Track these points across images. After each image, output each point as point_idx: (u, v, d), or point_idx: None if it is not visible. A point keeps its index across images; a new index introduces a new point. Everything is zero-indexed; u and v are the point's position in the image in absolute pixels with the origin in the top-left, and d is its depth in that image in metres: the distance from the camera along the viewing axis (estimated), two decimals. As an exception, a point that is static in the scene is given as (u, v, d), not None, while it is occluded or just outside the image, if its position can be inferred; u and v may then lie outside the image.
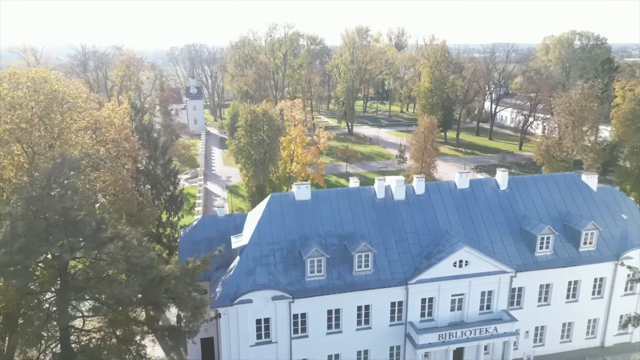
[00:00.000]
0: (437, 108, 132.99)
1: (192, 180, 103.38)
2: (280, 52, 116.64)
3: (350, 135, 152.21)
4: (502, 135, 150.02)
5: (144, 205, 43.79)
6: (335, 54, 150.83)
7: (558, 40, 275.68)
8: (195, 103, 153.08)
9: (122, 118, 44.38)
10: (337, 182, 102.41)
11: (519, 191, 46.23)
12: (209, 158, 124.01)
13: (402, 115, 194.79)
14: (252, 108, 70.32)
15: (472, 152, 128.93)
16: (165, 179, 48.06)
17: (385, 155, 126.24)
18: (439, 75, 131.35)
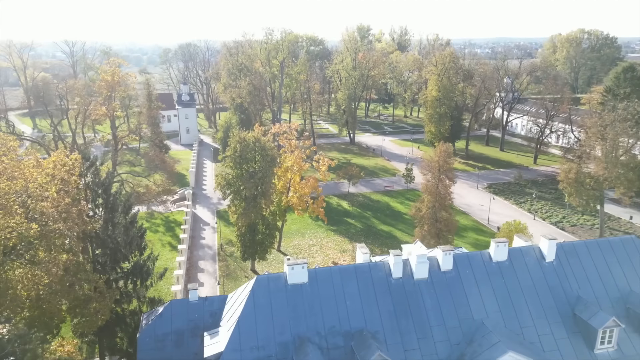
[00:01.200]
0: (445, 118, 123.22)
1: (180, 204, 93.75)
2: (277, 59, 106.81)
3: (351, 145, 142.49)
4: (513, 145, 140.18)
5: (92, 298, 34.10)
6: (335, 59, 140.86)
7: (566, 39, 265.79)
8: (187, 111, 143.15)
9: (68, 173, 34.72)
10: (339, 205, 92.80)
11: (569, 263, 36.65)
12: (200, 174, 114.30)
13: (407, 120, 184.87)
14: (241, 136, 60.61)
15: (484, 167, 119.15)
16: (127, 246, 38.34)
17: (391, 170, 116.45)
18: (447, 84, 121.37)
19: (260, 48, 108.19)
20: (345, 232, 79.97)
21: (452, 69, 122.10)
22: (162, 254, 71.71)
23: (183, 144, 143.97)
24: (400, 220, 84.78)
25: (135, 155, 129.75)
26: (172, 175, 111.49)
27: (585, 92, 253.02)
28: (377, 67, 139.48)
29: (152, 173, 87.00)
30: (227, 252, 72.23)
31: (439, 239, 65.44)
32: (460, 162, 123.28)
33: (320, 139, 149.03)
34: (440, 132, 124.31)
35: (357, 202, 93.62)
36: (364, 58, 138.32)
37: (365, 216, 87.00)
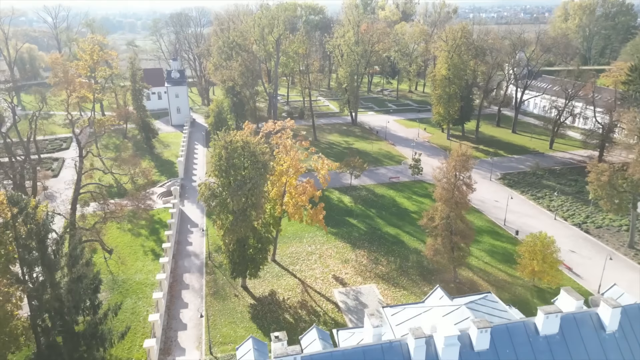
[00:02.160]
0: (455, 99, 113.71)
1: (166, 199, 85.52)
2: (272, 36, 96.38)
3: (353, 126, 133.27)
4: (526, 126, 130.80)
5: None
6: (336, 32, 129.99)
7: (579, 6, 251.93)
8: (177, 90, 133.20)
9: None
10: (340, 200, 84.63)
11: (634, 332, 28.76)
12: (190, 161, 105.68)
13: (412, 96, 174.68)
14: (227, 139, 51.84)
15: (496, 152, 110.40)
16: (74, 308, 30.35)
17: (396, 157, 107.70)
18: (458, 62, 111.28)
19: (253, 23, 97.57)
20: (347, 236, 72.08)
21: (464, 45, 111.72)
22: (143, 266, 64.32)
23: (174, 125, 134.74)
24: (407, 221, 76.73)
25: (122, 139, 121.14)
26: (161, 166, 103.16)
27: (597, 63, 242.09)
28: (381, 42, 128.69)
29: (128, 174, 77.91)
30: (216, 262, 64.52)
31: (453, 252, 57.61)
32: (471, 146, 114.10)
33: (319, 119, 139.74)
34: (450, 114, 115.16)
35: (359, 197, 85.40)
36: (367, 31, 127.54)
37: (369, 215, 78.94)
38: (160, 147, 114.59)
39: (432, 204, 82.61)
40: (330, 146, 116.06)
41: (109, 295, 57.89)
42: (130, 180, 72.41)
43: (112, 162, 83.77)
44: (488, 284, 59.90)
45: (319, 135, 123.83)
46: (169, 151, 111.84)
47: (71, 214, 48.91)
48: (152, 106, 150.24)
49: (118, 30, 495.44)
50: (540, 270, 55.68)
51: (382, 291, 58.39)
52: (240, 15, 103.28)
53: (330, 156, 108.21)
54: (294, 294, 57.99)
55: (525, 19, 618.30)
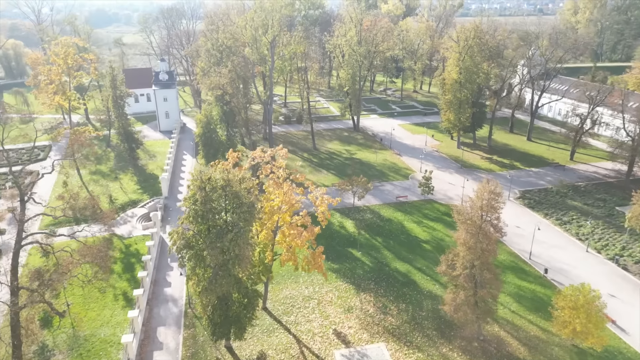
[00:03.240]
0: (467, 105, 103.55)
1: (147, 224, 75.60)
2: (267, 37, 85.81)
3: (355, 133, 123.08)
4: (541, 132, 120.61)
5: None
6: (337, 31, 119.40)
7: (590, 0, 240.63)
8: (166, 93, 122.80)
9: None
10: (342, 226, 74.79)
11: None
12: (176, 176, 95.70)
13: (417, 96, 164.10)
14: (205, 177, 41.87)
15: (511, 164, 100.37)
16: None
17: (402, 170, 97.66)
18: (470, 64, 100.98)
19: (245, 24, 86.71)
20: (350, 274, 62.34)
21: (476, 46, 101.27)
22: (112, 316, 54.64)
23: (162, 131, 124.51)
24: (418, 253, 66.95)
25: (105, 148, 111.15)
26: (144, 181, 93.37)
27: (609, 59, 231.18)
28: (386, 41, 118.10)
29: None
30: (197, 312, 54.81)
31: (477, 306, 47.93)
32: (483, 157, 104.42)
33: (319, 123, 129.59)
34: (460, 121, 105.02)
35: (363, 222, 75.54)
36: (370, 28, 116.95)
37: (375, 246, 69.12)
38: (145, 158, 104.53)
39: (444, 230, 73.28)
40: (331, 156, 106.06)
41: (67, 358, 48.28)
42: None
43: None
44: (518, 342, 50.24)
45: (318, 143, 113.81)
46: (155, 163, 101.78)
47: (12, 276, 39.13)
48: (140, 109, 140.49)
49: (114, 22, 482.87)
50: (583, 331, 46.05)
51: (392, 352, 48.74)
52: (231, 14, 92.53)
53: (330, 168, 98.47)
54: (287, 356, 48.34)
55: (529, 10, 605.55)
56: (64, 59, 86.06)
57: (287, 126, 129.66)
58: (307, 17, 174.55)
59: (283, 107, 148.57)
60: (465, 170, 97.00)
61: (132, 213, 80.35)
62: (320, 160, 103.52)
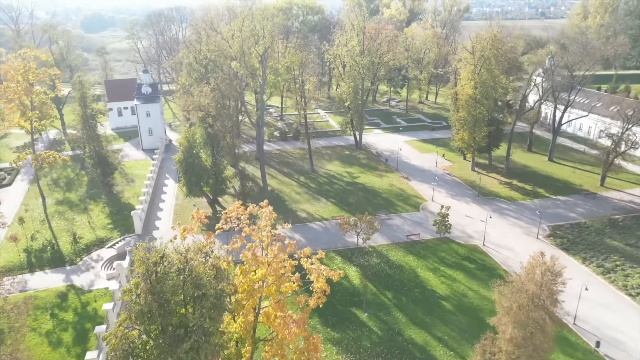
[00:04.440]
0: (483, 123, 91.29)
1: (111, 273, 63.04)
2: (257, 50, 73.32)
3: (357, 151, 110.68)
4: (563, 151, 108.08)
5: None
6: (337, 39, 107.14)
7: (600, 3, 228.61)
8: (149, 108, 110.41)
9: None
10: (346, 280, 62.28)
11: None
12: (154, 205, 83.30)
13: (422, 108, 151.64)
14: (153, 259, 29.49)
15: (534, 191, 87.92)
16: None
17: (412, 199, 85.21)
18: (487, 78, 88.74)
19: (232, 34, 73.97)
20: (354, 346, 49.97)
21: (494, 57, 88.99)
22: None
23: (145, 149, 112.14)
24: (437, 316, 54.49)
25: (79, 170, 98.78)
26: (117, 213, 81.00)
27: (622, 67, 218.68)
28: (391, 51, 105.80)
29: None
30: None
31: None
32: (502, 182, 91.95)
33: (317, 140, 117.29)
34: (475, 141, 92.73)
35: (369, 270, 63.14)
36: (373, 35, 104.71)
37: (385, 304, 56.70)
38: (122, 183, 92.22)
39: (466, 281, 60.88)
40: (330, 180, 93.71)
41: None
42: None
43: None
44: None
45: (317, 164, 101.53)
46: (132, 189, 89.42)
47: None
48: (123, 123, 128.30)
49: (110, 26, 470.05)
50: None
51: None
52: (218, 22, 79.95)
53: (330, 196, 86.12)
54: None
55: (531, 13, 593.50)
56: (23, 75, 73.77)
57: (282, 143, 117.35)
58: (305, 23, 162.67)
59: (279, 120, 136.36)
60: (483, 199, 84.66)
61: (97, 256, 68.00)
62: (318, 186, 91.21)
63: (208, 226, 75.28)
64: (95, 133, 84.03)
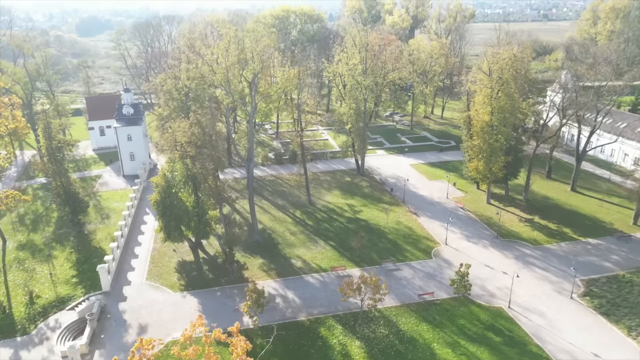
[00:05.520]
0: (500, 152, 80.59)
1: (66, 351, 52.10)
2: (246, 76, 62.39)
3: (359, 178, 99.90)
4: (585, 178, 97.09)
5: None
6: (337, 55, 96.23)
7: (611, 9, 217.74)
8: (130, 130, 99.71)
9: None
10: (343, 350, 51.60)
11: None
12: (128, 252, 72.49)
13: (428, 123, 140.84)
14: None
15: (559, 231, 77.12)
16: None
17: (422, 240, 74.36)
18: (506, 103, 77.99)
19: (217, 57, 62.86)
20: None
21: (513, 80, 78.20)
22: None
23: (126, 175, 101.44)
24: (461, 417, 43.83)
25: (49, 203, 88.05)
26: (84, 262, 70.34)
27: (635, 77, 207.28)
28: (397, 70, 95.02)
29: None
30: None
31: None
32: (522, 219, 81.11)
33: (315, 163, 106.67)
34: (492, 172, 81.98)
35: (376, 346, 52.40)
36: (377, 52, 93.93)
37: (395, 397, 46.04)
38: (95, 220, 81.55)
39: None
40: (329, 215, 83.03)
41: None
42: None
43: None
44: None
45: (315, 194, 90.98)
46: (106, 228, 78.69)
47: None
48: (106, 143, 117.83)
49: (106, 29, 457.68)
50: None
51: None
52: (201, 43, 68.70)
53: (329, 237, 75.49)
54: None
55: (533, 15, 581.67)
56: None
57: (277, 167, 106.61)
58: (303, 32, 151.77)
59: (274, 139, 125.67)
60: (503, 242, 73.90)
61: (55, 322, 57.30)
62: (316, 223, 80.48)
63: (189, 278, 65.50)
64: (62, 168, 73.25)
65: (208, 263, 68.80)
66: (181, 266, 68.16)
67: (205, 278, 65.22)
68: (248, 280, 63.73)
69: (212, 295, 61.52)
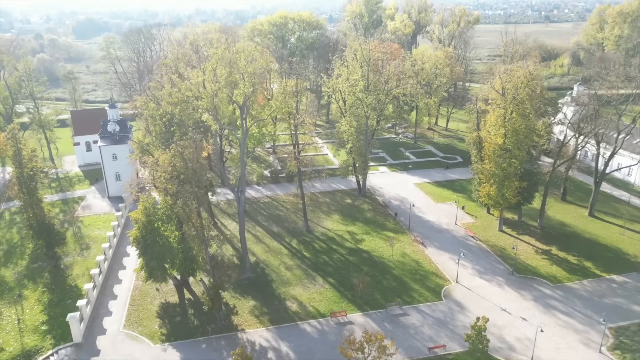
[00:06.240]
0: (514, 177, 73.58)
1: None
2: (236, 99, 55.31)
3: (361, 199, 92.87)
4: (603, 200, 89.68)
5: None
6: (337, 69, 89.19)
7: (618, 13, 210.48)
8: (116, 149, 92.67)
9: None
10: None
11: None
12: (107, 288, 65.43)
13: (433, 136, 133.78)
14: None
15: (580, 265, 70.08)
16: None
17: (431, 277, 67.23)
18: (521, 126, 70.96)
19: (203, 79, 55.83)
20: None
21: (529, 100, 71.12)
22: None
23: (111, 197, 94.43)
24: None
25: (24, 231, 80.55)
26: (57, 304, 63.28)
27: None
28: (401, 86, 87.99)
29: None
30: None
31: None
32: (538, 251, 73.97)
33: (313, 183, 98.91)
34: (505, 198, 74.95)
35: (381, 416, 45.43)
36: (379, 66, 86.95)
37: None
38: (74, 251, 74.50)
39: None
40: (328, 245, 76.00)
41: None
42: None
43: None
44: None
45: (313, 218, 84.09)
46: (84, 262, 71.65)
47: None
48: (94, 159, 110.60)
49: (104, 31, 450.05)
50: None
51: None
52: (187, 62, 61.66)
53: (328, 272, 68.55)
54: None
55: (534, 17, 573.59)
56: None
57: (273, 187, 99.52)
58: (301, 40, 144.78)
59: (271, 153, 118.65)
60: (519, 279, 66.85)
61: (17, 382, 50.32)
62: (314, 255, 73.43)
63: (172, 325, 58.43)
64: (34, 198, 66.23)
65: (194, 306, 61.74)
66: (164, 309, 61.13)
67: (190, 325, 58.18)
68: (237, 328, 56.86)
69: (196, 348, 54.46)
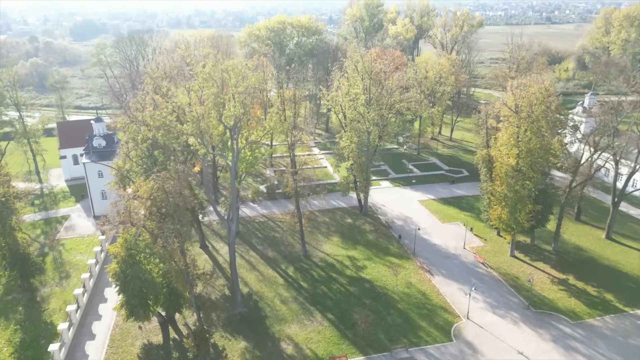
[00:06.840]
0: (528, 200, 67.78)
1: None
2: (225, 121, 49.72)
3: (362, 219, 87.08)
4: (619, 221, 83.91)
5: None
6: (336, 81, 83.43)
7: (625, 17, 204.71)
8: (102, 166, 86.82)
9: None
10: None
11: None
12: (85, 326, 59.57)
13: (437, 146, 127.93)
14: None
15: (600, 297, 64.28)
16: None
17: (439, 312, 61.42)
18: (535, 145, 65.15)
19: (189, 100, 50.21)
20: None
21: (544, 117, 65.24)
22: None
23: (97, 216, 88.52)
24: None
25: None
26: (30, 344, 57.63)
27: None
28: (406, 99, 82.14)
29: None
30: None
31: None
32: (555, 280, 68.15)
33: (312, 200, 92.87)
34: (517, 222, 69.14)
35: None
36: (382, 79, 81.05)
37: None
38: (52, 280, 68.66)
39: None
40: (328, 274, 70.19)
41: None
42: None
43: None
44: None
45: (311, 241, 78.44)
46: (63, 293, 65.81)
47: None
48: (81, 172, 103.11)
49: (102, 33, 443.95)
50: None
51: None
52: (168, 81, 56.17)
53: (327, 306, 62.73)
54: None
55: (535, 18, 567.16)
56: None
57: (270, 204, 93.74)
58: (300, 46, 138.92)
59: (267, 166, 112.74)
60: (535, 315, 61.05)
61: None
62: (312, 285, 67.60)
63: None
64: (7, 226, 60.43)
65: (179, 348, 55.90)
66: (146, 352, 55.32)
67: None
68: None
69: (180, 401, 48.74)
